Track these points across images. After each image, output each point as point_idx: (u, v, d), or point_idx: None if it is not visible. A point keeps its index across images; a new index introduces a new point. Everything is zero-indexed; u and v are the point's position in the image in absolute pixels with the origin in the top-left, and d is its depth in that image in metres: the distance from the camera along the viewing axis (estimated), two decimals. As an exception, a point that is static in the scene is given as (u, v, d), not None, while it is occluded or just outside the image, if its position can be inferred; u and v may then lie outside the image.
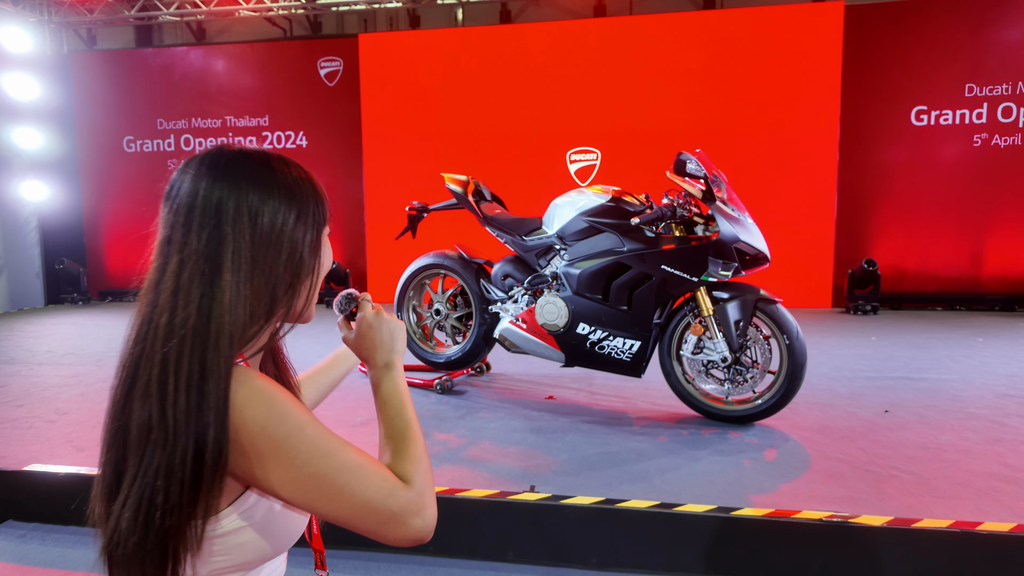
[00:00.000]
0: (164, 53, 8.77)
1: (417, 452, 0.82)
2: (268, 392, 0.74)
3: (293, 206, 0.81)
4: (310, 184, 0.85)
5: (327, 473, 0.73)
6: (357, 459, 0.75)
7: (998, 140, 6.96)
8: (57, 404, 3.63)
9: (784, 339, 3.02)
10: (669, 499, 2.29)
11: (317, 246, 0.84)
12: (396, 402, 0.88)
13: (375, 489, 0.75)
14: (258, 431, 0.71)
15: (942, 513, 2.17)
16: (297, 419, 0.73)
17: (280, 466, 0.72)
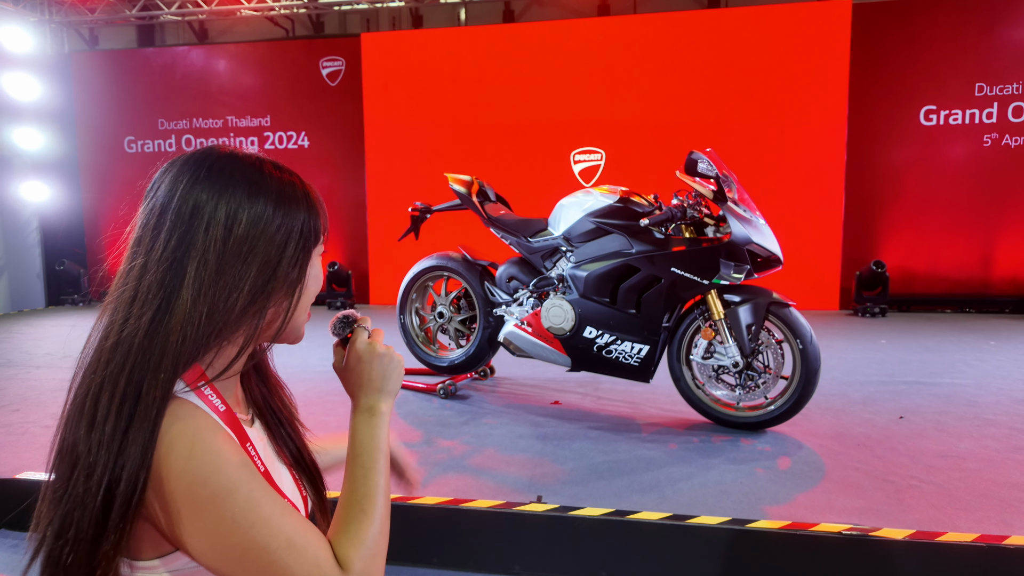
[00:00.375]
0: (165, 53, 8.72)
1: (368, 533, 0.71)
2: (201, 438, 0.65)
3: (277, 215, 0.73)
4: (303, 193, 0.76)
5: (251, 548, 0.64)
6: (290, 534, 0.66)
7: (1008, 140, 6.87)
8: (53, 409, 3.56)
9: (797, 343, 2.94)
10: (681, 510, 2.21)
11: (302, 262, 0.75)
12: (367, 460, 0.75)
13: (306, 566, 0.65)
14: (180, 485, 0.63)
15: (966, 526, 2.09)
16: (227, 478, 0.64)
17: (200, 530, 0.63)
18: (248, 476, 0.66)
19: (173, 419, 0.65)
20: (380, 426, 0.78)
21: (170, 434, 0.64)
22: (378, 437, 0.77)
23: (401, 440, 1.07)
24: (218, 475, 0.64)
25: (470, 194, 3.72)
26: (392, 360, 0.81)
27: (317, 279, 0.79)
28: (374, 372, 0.80)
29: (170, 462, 0.63)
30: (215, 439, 0.66)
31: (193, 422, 0.66)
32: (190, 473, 0.63)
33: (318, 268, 0.80)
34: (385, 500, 0.74)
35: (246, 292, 0.71)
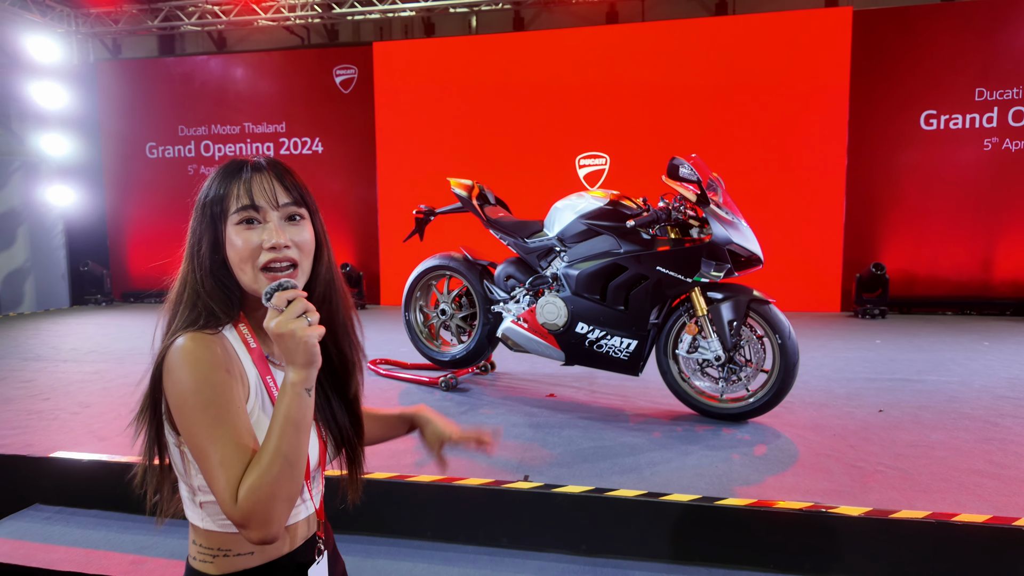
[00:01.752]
0: (185, 62, 9.04)
1: (260, 482, 0.81)
2: (190, 358, 0.86)
3: (198, 204, 0.96)
4: (228, 176, 0.95)
5: (200, 453, 0.84)
6: (221, 457, 0.83)
7: (1009, 144, 6.94)
8: (80, 398, 3.81)
9: (777, 339, 3.09)
10: (656, 489, 2.38)
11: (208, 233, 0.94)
12: (276, 422, 0.85)
13: (218, 489, 0.83)
14: (171, 390, 0.86)
15: (921, 506, 2.24)
16: (202, 398, 0.84)
17: (182, 426, 0.86)
18: (223, 400, 0.85)
19: (179, 343, 0.88)
20: (286, 392, 0.86)
21: (170, 352, 0.88)
22: (283, 403, 0.86)
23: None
24: (198, 393, 0.85)
25: (470, 197, 3.92)
26: (292, 338, 0.84)
27: (248, 243, 0.92)
28: (281, 347, 0.86)
29: (168, 371, 0.87)
30: (203, 364, 0.86)
31: (192, 344, 0.88)
32: (179, 383, 0.86)
33: (240, 237, 0.93)
34: (283, 461, 0.83)
35: (196, 261, 0.95)
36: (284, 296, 0.86)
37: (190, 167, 8.97)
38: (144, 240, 9.21)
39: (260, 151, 8.78)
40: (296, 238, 0.96)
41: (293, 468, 0.84)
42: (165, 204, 9.06)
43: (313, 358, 0.86)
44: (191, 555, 0.97)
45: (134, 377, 4.33)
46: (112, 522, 2.60)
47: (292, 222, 0.97)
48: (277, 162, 0.99)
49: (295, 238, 0.96)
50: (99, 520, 2.62)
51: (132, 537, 2.47)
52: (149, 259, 9.23)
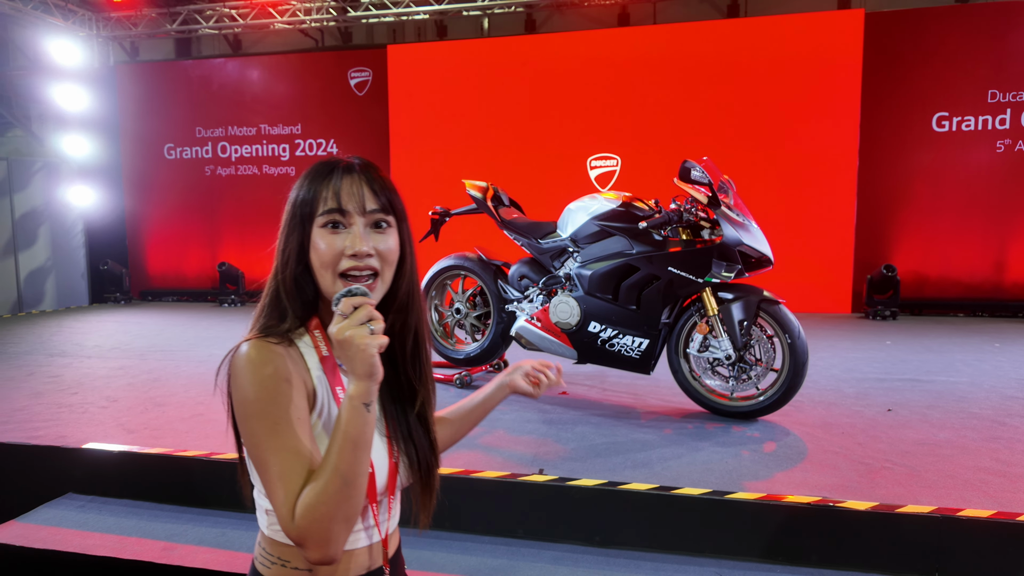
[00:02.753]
0: (203, 64, 9.19)
1: (316, 501, 0.80)
2: (250, 367, 0.84)
3: (288, 205, 0.94)
4: (319, 178, 0.92)
5: (259, 464, 0.83)
6: (280, 470, 0.81)
7: (1022, 146, 6.94)
8: (107, 392, 3.93)
9: (786, 338, 3.15)
10: (668, 483, 2.45)
11: (296, 236, 0.91)
12: (335, 437, 0.82)
13: (277, 503, 0.82)
14: (235, 398, 0.86)
15: (927, 501, 2.29)
16: (262, 407, 0.82)
17: (244, 434, 0.85)
18: (282, 410, 0.83)
19: (243, 349, 0.87)
20: (346, 408, 0.82)
21: (234, 358, 0.88)
22: (342, 418, 0.82)
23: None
24: (257, 401, 0.83)
25: (485, 199, 4.00)
26: (351, 346, 0.81)
27: (332, 247, 0.90)
28: (341, 355, 0.83)
29: (232, 376, 0.87)
30: (264, 372, 0.84)
31: (255, 352, 0.86)
32: (242, 390, 0.85)
33: (324, 241, 0.90)
34: (340, 479, 0.80)
35: (282, 260, 0.93)
36: (351, 302, 0.83)
37: (207, 168, 9.13)
38: (162, 240, 9.38)
39: (275, 152, 8.93)
40: (380, 246, 0.92)
41: (350, 487, 0.81)
42: (183, 204, 9.22)
43: (372, 370, 0.81)
44: (256, 556, 0.96)
45: (157, 373, 4.46)
46: (142, 510, 2.70)
47: (378, 229, 0.93)
48: (369, 165, 0.96)
49: (379, 246, 0.92)
50: (130, 508, 2.72)
51: (162, 525, 2.58)
52: (167, 258, 9.39)
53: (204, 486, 2.75)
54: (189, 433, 3.13)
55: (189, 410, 3.53)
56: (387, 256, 0.93)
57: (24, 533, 2.50)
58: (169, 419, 3.37)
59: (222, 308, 8.42)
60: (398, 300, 0.97)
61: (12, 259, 8.21)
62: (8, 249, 8.18)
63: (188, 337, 6.03)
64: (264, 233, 9.04)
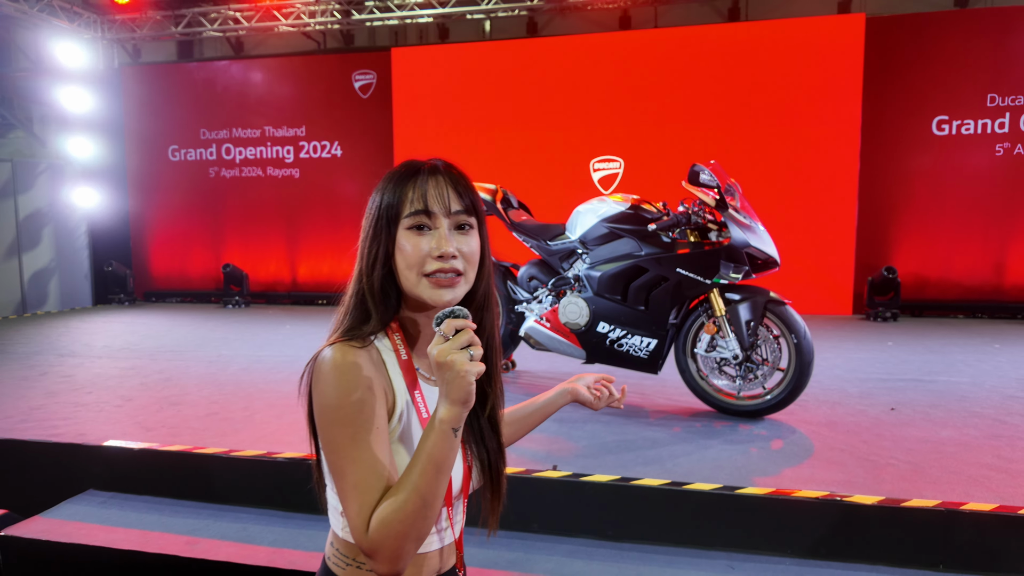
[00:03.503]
0: (207, 67, 9.25)
1: (393, 517, 0.80)
2: (334, 374, 0.85)
3: (372, 208, 0.94)
4: (403, 181, 0.93)
5: (336, 471, 0.85)
6: (356, 480, 0.83)
7: (1021, 150, 7.02)
8: (121, 392, 3.98)
9: (792, 338, 3.22)
10: (679, 479, 2.51)
11: (382, 239, 0.92)
12: (418, 458, 0.83)
13: (351, 513, 0.83)
14: (317, 405, 0.87)
15: (931, 495, 2.36)
16: (344, 415, 0.83)
17: (323, 439, 0.86)
18: (363, 418, 0.84)
19: (327, 353, 0.88)
20: (431, 431, 0.82)
21: (318, 361, 0.88)
22: (427, 440, 0.82)
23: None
24: (339, 408, 0.84)
25: (495, 201, 4.06)
26: (450, 370, 0.80)
27: (417, 248, 0.91)
28: (439, 377, 0.82)
29: (315, 381, 0.88)
30: (348, 378, 0.85)
31: (340, 357, 0.87)
32: (323, 396, 0.86)
33: (410, 242, 0.91)
34: (418, 499, 0.81)
35: (367, 262, 0.93)
36: (454, 324, 0.82)
37: (211, 170, 9.18)
38: (166, 241, 9.43)
39: (280, 154, 8.98)
40: (464, 248, 0.92)
41: (428, 509, 0.82)
42: (187, 206, 9.27)
43: (468, 397, 0.81)
44: (328, 555, 0.97)
45: (168, 373, 4.51)
46: (163, 506, 2.75)
47: (461, 231, 0.94)
48: (452, 167, 0.97)
49: (463, 248, 0.92)
50: (150, 504, 2.78)
51: (183, 520, 2.63)
52: (171, 260, 9.44)
53: (223, 483, 2.81)
54: (206, 431, 3.18)
55: (203, 409, 3.58)
56: (470, 257, 0.93)
57: (49, 528, 2.55)
58: (185, 417, 3.42)
59: (226, 309, 8.47)
60: (476, 300, 0.98)
61: (16, 260, 8.26)
62: (12, 250, 8.22)
63: (195, 338, 6.08)
64: (268, 234, 9.10)
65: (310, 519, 2.61)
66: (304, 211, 8.98)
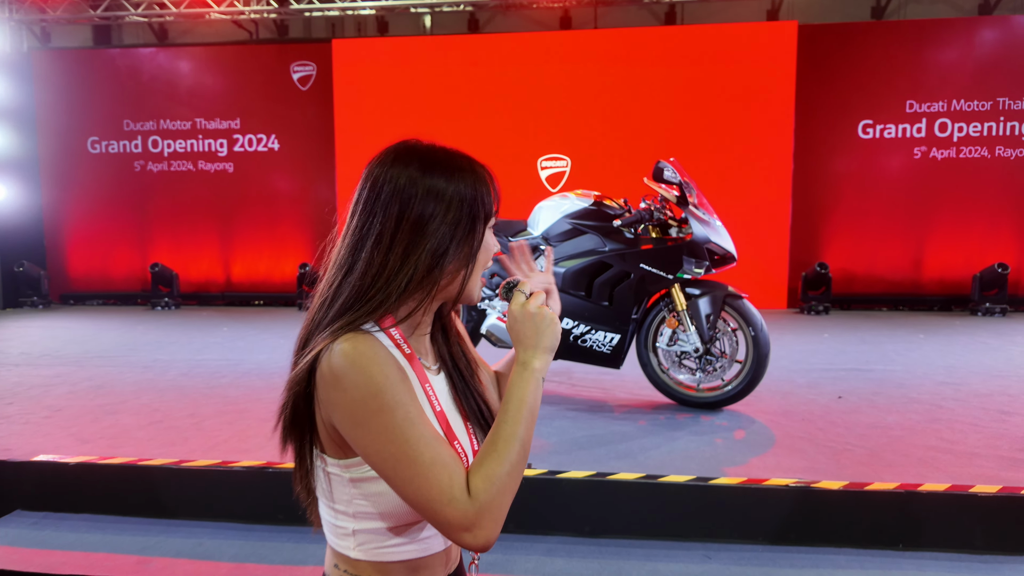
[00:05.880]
0: (131, 53, 8.69)
1: (499, 470, 0.77)
2: (368, 356, 0.77)
3: (443, 200, 0.84)
4: (470, 168, 0.88)
5: (401, 459, 0.76)
6: (433, 456, 0.76)
7: (935, 153, 7.54)
8: (47, 402, 3.66)
9: (750, 331, 3.31)
10: (654, 472, 2.53)
11: (466, 237, 0.86)
12: (514, 407, 0.82)
13: (438, 491, 0.75)
14: (357, 395, 0.76)
15: (890, 478, 2.47)
16: (392, 397, 0.77)
17: (366, 435, 0.77)
18: (408, 398, 0.78)
19: (341, 347, 0.79)
20: (529, 380, 0.84)
21: (331, 359, 0.78)
22: (525, 389, 0.83)
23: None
24: (383, 393, 0.76)
25: (453, 197, 3.98)
26: (545, 318, 0.86)
27: (488, 249, 0.90)
28: (528, 330, 0.86)
29: (336, 380, 0.77)
30: (380, 362, 0.78)
31: (362, 345, 0.78)
32: (355, 388, 0.77)
33: (490, 238, 0.90)
34: (520, 447, 0.79)
35: (423, 258, 0.84)
36: (526, 288, 0.89)
37: (137, 163, 8.63)
38: (86, 239, 8.79)
39: (212, 148, 8.54)
40: None
41: (526, 456, 0.81)
42: (109, 201, 8.68)
43: (557, 342, 0.87)
44: None
45: (100, 380, 4.19)
46: (107, 524, 2.54)
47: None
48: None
49: None
50: (91, 523, 2.56)
51: (131, 538, 2.43)
52: (91, 259, 8.81)
53: (173, 496, 2.62)
54: (151, 441, 2.97)
55: (146, 417, 3.34)
56: None
57: (-26, 555, 2.31)
58: (125, 427, 3.18)
59: (155, 311, 7.98)
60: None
61: (-88, 260, 7.49)
62: (-93, 249, 7.46)
63: (126, 342, 5.69)
64: (200, 232, 8.63)
65: (273, 531, 2.47)
66: (239, 207, 8.58)
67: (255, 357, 4.94)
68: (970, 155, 7.47)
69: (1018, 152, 7.41)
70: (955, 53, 7.41)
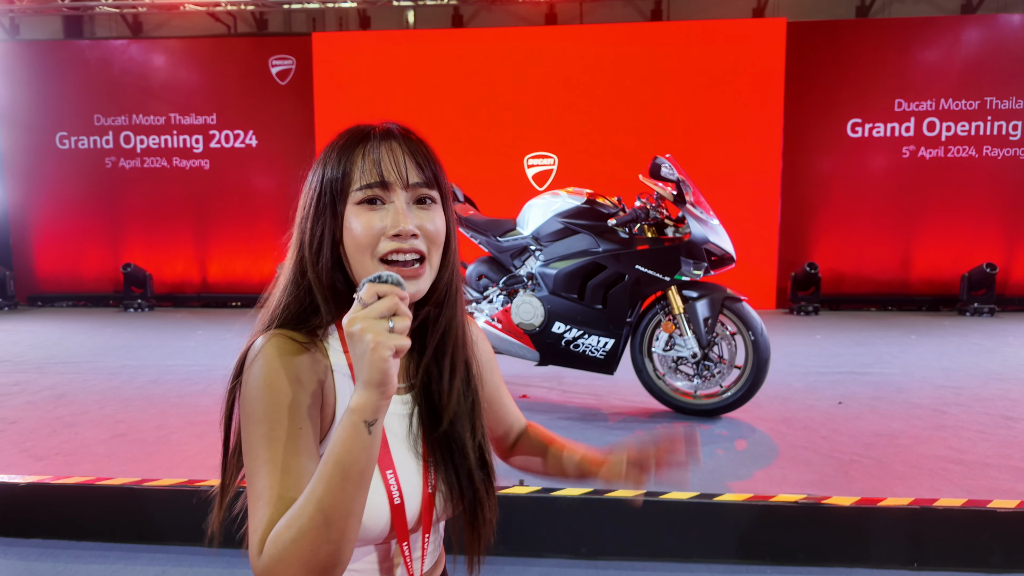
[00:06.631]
0: (102, 46, 8.37)
1: (285, 534, 0.64)
2: (265, 368, 0.75)
3: (319, 165, 0.82)
4: (351, 136, 0.82)
5: (248, 474, 0.72)
6: (264, 487, 0.68)
7: (924, 152, 7.49)
8: (3, 413, 3.42)
9: (749, 335, 3.17)
10: (652, 488, 2.37)
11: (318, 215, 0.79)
12: (328, 462, 0.65)
13: (252, 525, 0.69)
14: (243, 394, 0.76)
15: (902, 492, 2.34)
16: (262, 410, 0.72)
17: (243, 436, 0.75)
18: (286, 416, 0.72)
19: (259, 341, 0.78)
20: (344, 425, 0.65)
21: (250, 351, 0.78)
22: (337, 436, 0.65)
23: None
24: (257, 400, 0.73)
25: (438, 194, 3.80)
26: (361, 342, 0.63)
27: (353, 231, 0.77)
28: (352, 355, 0.66)
29: (245, 372, 0.77)
30: (276, 369, 0.74)
31: (265, 346, 0.76)
32: (246, 387, 0.75)
33: (360, 220, 0.77)
34: (316, 511, 0.64)
35: (310, 248, 0.81)
36: (376, 289, 0.65)
37: (108, 159, 8.31)
38: (54, 238, 8.45)
39: (188, 144, 8.26)
40: (427, 225, 0.79)
41: (331, 530, 0.63)
42: (79, 199, 8.35)
43: (384, 377, 0.63)
44: None
45: (61, 389, 3.94)
46: (59, 551, 2.33)
47: (422, 205, 0.80)
48: (409, 131, 0.85)
49: (425, 225, 0.78)
50: (42, 550, 2.34)
51: (85, 567, 2.22)
52: (61, 259, 8.48)
53: (134, 519, 2.41)
54: (112, 457, 2.75)
55: (107, 430, 3.11)
56: (435, 237, 0.80)
57: (-92, 588, 2.08)
58: (85, 441, 2.95)
59: (128, 313, 7.69)
60: (438, 290, 0.83)
61: None
62: None
63: (93, 347, 5.43)
64: (175, 231, 8.34)
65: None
66: (215, 205, 8.31)
67: (230, 363, 4.69)
68: (958, 154, 7.44)
69: (1005, 152, 7.39)
70: (943, 52, 7.37)
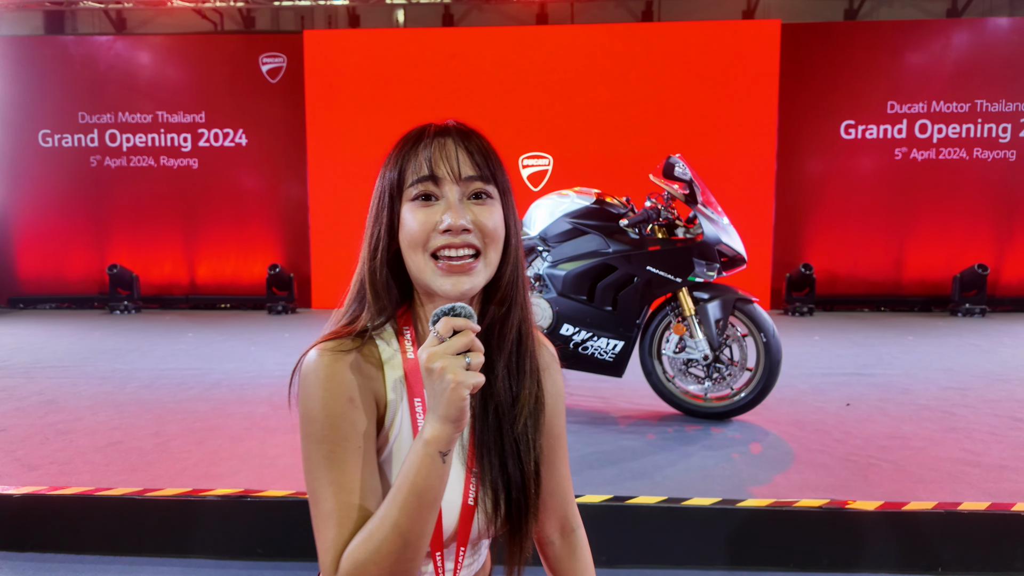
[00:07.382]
0: (87, 42, 8.18)
1: (363, 557, 0.69)
2: (318, 381, 0.74)
3: (383, 168, 0.83)
4: (408, 136, 0.83)
5: (311, 493, 0.75)
6: (332, 508, 0.72)
7: (916, 154, 7.55)
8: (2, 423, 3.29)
9: (761, 337, 3.14)
10: (673, 494, 2.32)
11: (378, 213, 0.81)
12: (397, 484, 0.70)
13: (322, 546, 0.72)
14: (300, 410, 0.76)
15: (925, 496, 2.31)
16: (319, 430, 0.73)
17: (302, 451, 0.75)
18: (342, 436, 0.73)
19: (310, 356, 0.77)
20: (419, 453, 0.69)
21: (303, 364, 0.77)
22: (412, 465, 0.69)
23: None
24: (314, 422, 0.73)
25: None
26: (441, 380, 0.67)
27: (406, 226, 0.78)
28: (429, 390, 0.69)
29: (300, 384, 0.77)
30: (328, 388, 0.74)
31: (315, 364, 0.75)
32: (303, 404, 0.76)
33: (414, 215, 0.77)
34: (395, 535, 0.68)
35: (369, 246, 0.81)
36: (452, 324, 0.68)
37: (93, 158, 8.13)
38: (37, 238, 8.25)
39: (176, 142, 8.10)
40: (482, 219, 0.77)
41: (409, 550, 0.69)
42: (63, 198, 8.16)
43: (460, 414, 0.67)
44: None
45: (51, 394, 3.81)
46: (56, 564, 2.22)
47: (477, 201, 0.78)
48: (464, 126, 0.84)
49: (480, 220, 0.77)
50: (39, 564, 2.23)
51: (86, 582, 2.12)
52: (44, 260, 8.27)
53: (135, 531, 2.31)
54: (108, 467, 2.64)
55: (103, 437, 3.00)
56: (491, 233, 0.77)
57: None
58: (80, 449, 2.84)
59: (114, 316, 7.52)
60: (500, 291, 0.81)
61: None
62: None
63: (81, 350, 5.28)
64: (162, 231, 8.18)
65: (252, 567, 2.19)
66: (204, 205, 8.16)
67: (224, 366, 4.60)
68: (949, 156, 7.51)
69: (995, 154, 7.47)
70: (934, 55, 7.44)
